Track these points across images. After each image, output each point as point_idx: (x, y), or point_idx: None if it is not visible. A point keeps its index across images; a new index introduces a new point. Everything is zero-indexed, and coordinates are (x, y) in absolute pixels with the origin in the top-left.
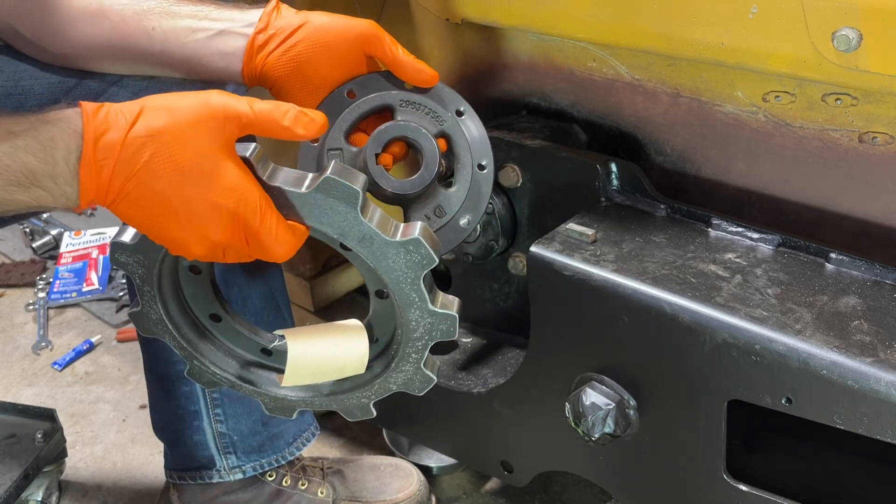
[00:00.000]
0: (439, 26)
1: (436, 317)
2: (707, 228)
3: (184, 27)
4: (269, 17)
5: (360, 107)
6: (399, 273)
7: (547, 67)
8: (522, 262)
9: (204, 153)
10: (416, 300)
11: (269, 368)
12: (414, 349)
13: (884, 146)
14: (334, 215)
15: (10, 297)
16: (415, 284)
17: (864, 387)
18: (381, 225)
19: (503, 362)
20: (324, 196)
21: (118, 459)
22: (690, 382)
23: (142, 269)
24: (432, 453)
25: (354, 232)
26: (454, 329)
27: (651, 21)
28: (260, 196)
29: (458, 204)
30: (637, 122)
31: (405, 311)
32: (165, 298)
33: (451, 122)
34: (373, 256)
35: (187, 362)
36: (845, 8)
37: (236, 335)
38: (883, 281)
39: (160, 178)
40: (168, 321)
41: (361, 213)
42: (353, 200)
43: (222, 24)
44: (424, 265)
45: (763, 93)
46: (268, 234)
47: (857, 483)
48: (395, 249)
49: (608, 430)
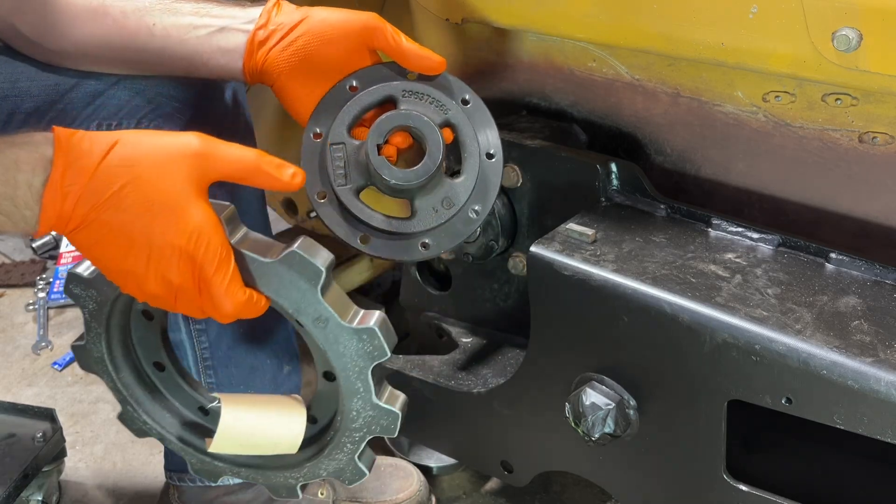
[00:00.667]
0: (439, 26)
1: (378, 411)
2: (707, 228)
3: (185, 24)
4: (269, 14)
5: (361, 99)
6: (348, 360)
7: (547, 67)
8: (522, 262)
9: (175, 192)
10: (360, 390)
11: (203, 428)
12: (350, 440)
13: (884, 146)
14: (293, 290)
15: (10, 297)
16: (362, 374)
17: (864, 387)
18: (340, 308)
19: (503, 362)
20: (286, 269)
21: (118, 459)
22: (690, 382)
23: (93, 305)
24: (432, 453)
25: (311, 311)
26: (395, 427)
27: (651, 21)
28: (222, 246)
29: (466, 194)
30: (637, 122)
31: (348, 400)
32: (111, 339)
33: (456, 110)
34: (325, 339)
35: (121, 406)
36: (845, 8)
37: (176, 388)
38: (883, 281)
39: (126, 211)
40: (109, 361)
41: (321, 293)
42: (314, 278)
43: (223, 21)
44: (375, 356)
45: (763, 93)
46: (219, 286)
47: (857, 483)
48: (348, 336)
49: (608, 430)
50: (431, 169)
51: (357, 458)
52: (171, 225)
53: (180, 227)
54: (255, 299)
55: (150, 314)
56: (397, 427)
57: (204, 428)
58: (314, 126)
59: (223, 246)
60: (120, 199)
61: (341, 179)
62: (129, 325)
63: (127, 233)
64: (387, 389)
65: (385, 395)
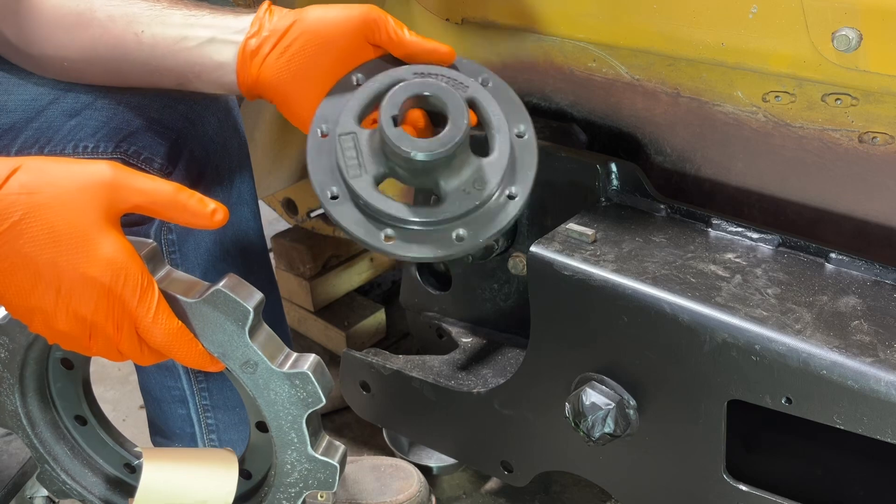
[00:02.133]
0: (439, 26)
1: (315, 463)
2: (707, 228)
3: (174, 34)
4: (261, 21)
5: (370, 86)
6: (280, 408)
7: (547, 67)
8: (522, 262)
9: (83, 222)
10: (294, 441)
11: (129, 487)
12: (285, 495)
13: (884, 146)
14: (220, 332)
15: None
16: (296, 424)
17: (864, 387)
18: (270, 351)
19: (503, 362)
20: (211, 309)
21: None
22: (690, 382)
23: (4, 353)
24: (432, 453)
25: (238, 354)
26: (334, 481)
27: (651, 21)
28: (143, 275)
29: (498, 174)
30: (637, 122)
31: (281, 452)
32: (26, 390)
33: (476, 88)
34: (254, 384)
35: (38, 465)
36: (845, 8)
37: (100, 444)
38: (883, 281)
39: (29, 242)
40: (24, 416)
41: (249, 335)
42: (242, 319)
43: (214, 31)
44: (310, 404)
45: (763, 93)
46: (145, 316)
47: (857, 483)
48: (279, 381)
49: (608, 430)
50: (458, 135)
51: (311, 449)
52: (82, 256)
53: (92, 257)
54: (187, 333)
55: (70, 362)
56: (336, 481)
57: (130, 486)
58: (319, 124)
59: (143, 275)
60: (20, 230)
61: (355, 171)
62: (47, 375)
63: (31, 266)
64: (324, 440)
65: (322, 446)
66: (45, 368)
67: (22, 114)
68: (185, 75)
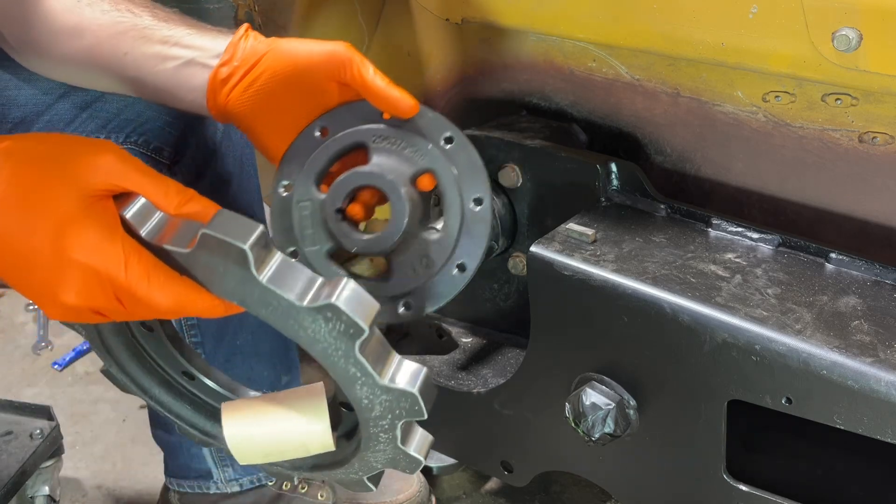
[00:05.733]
0: (439, 26)
1: (391, 394)
2: (707, 228)
3: (154, 54)
4: (234, 47)
5: (329, 148)
6: (326, 345)
7: (547, 67)
8: (522, 262)
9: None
10: (358, 376)
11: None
12: (380, 429)
13: (884, 146)
14: (229, 278)
15: (10, 297)
16: (349, 357)
17: (864, 387)
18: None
19: (503, 362)
20: (208, 255)
21: (118, 459)
22: (690, 382)
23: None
24: (432, 453)
25: (255, 296)
26: (420, 407)
27: (651, 21)
28: (124, 247)
29: (446, 251)
30: (637, 122)
31: (350, 389)
32: (121, 361)
33: (434, 155)
34: (287, 327)
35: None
36: (845, 8)
37: (212, 394)
38: (883, 281)
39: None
40: (132, 383)
41: (256, 272)
42: (241, 260)
43: (190, 53)
44: (353, 335)
45: (763, 93)
46: (139, 285)
47: (857, 483)
48: (309, 317)
49: (608, 430)
50: (395, 236)
51: (401, 445)
52: (59, 238)
53: (70, 242)
54: (193, 291)
55: (150, 325)
56: (423, 408)
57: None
58: (282, 179)
59: (127, 248)
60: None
61: (310, 241)
62: (137, 342)
63: (10, 242)
64: (392, 365)
65: (390, 372)
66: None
67: (33, 107)
68: (165, 95)
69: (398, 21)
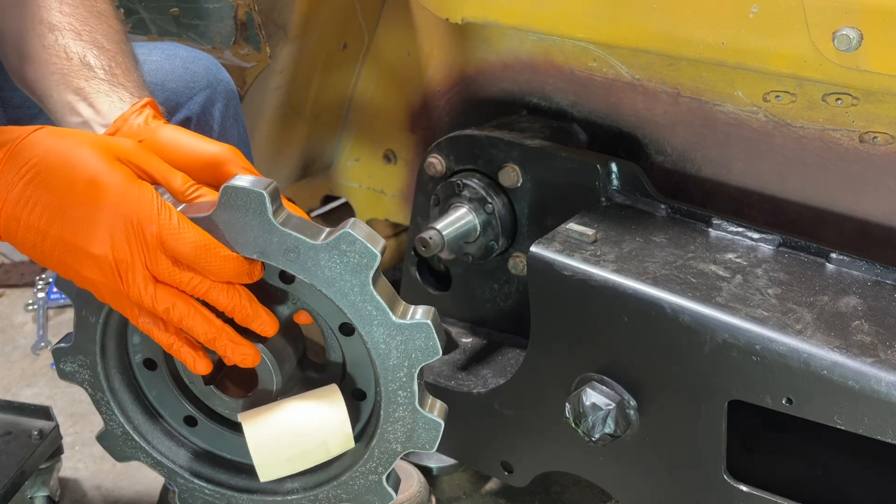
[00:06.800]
0: (439, 26)
1: (406, 331)
2: (707, 228)
3: (68, 103)
4: (122, 121)
5: None
6: (342, 283)
7: (547, 67)
8: (522, 262)
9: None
10: (374, 313)
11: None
12: (398, 384)
13: (884, 146)
14: (248, 231)
15: (10, 297)
16: (365, 294)
17: (865, 387)
18: (303, 229)
19: (503, 362)
20: (229, 212)
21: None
22: (691, 383)
23: (87, 373)
24: (432, 453)
25: (275, 245)
26: (434, 342)
27: (651, 21)
28: (155, 197)
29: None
30: (637, 121)
31: (368, 332)
32: (122, 403)
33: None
34: (306, 271)
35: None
36: (846, 7)
37: (218, 436)
38: (883, 281)
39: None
40: (133, 432)
41: (274, 218)
42: (260, 207)
43: (88, 114)
44: (366, 264)
45: (763, 93)
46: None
47: (857, 483)
48: (326, 254)
49: (608, 431)
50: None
51: (418, 405)
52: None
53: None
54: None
55: (153, 362)
56: (437, 343)
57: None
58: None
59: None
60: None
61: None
62: (139, 385)
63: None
64: (401, 307)
65: (401, 311)
66: (132, 377)
67: (27, 109)
68: None
69: (398, 21)
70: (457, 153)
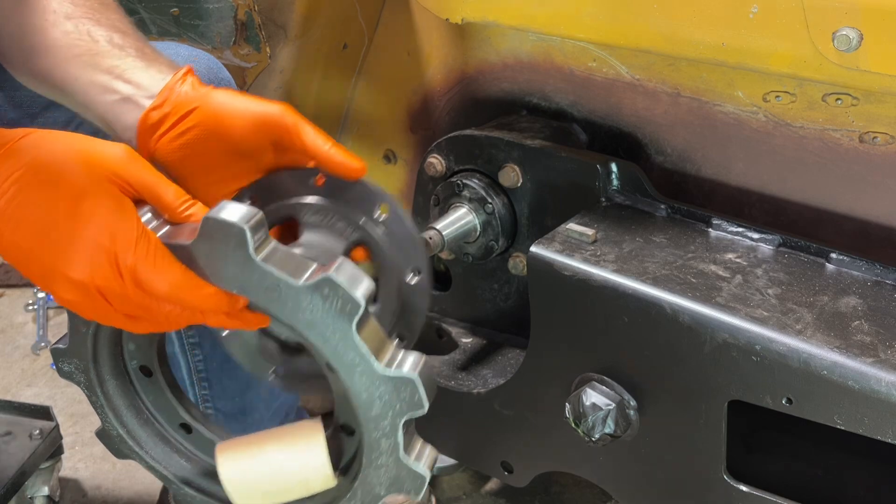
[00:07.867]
0: (439, 26)
1: (390, 383)
2: (707, 228)
3: (99, 82)
4: (170, 91)
5: None
6: (324, 328)
7: (547, 67)
8: (522, 262)
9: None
10: (356, 362)
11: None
12: (381, 432)
13: (884, 146)
14: (229, 264)
15: (10, 297)
16: (347, 340)
17: (865, 387)
18: (286, 265)
19: (503, 362)
20: (209, 243)
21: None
22: (691, 383)
23: (83, 376)
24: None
25: (254, 281)
26: (420, 397)
27: (651, 21)
28: (136, 226)
29: (386, 325)
30: (637, 122)
31: (349, 380)
32: (116, 407)
33: (368, 227)
34: (286, 312)
35: (169, 488)
36: (846, 8)
37: (213, 445)
38: (883, 281)
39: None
40: (127, 436)
41: (255, 254)
42: (240, 241)
43: (129, 90)
44: (349, 311)
45: (763, 93)
46: (144, 263)
47: (857, 483)
48: (307, 296)
49: (608, 431)
50: None
51: (402, 454)
52: (73, 215)
53: (83, 215)
54: (194, 278)
55: (148, 369)
56: (424, 398)
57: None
58: None
59: (137, 227)
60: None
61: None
62: (136, 391)
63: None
64: (389, 352)
65: (387, 356)
66: (128, 381)
67: (27, 109)
68: (105, 126)
69: (398, 21)
70: (457, 153)
